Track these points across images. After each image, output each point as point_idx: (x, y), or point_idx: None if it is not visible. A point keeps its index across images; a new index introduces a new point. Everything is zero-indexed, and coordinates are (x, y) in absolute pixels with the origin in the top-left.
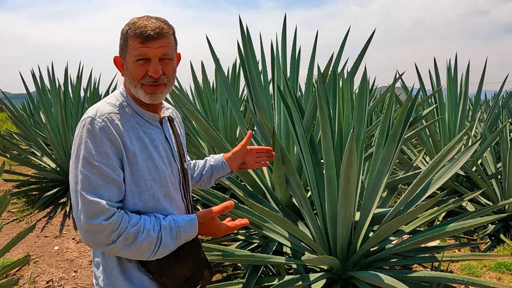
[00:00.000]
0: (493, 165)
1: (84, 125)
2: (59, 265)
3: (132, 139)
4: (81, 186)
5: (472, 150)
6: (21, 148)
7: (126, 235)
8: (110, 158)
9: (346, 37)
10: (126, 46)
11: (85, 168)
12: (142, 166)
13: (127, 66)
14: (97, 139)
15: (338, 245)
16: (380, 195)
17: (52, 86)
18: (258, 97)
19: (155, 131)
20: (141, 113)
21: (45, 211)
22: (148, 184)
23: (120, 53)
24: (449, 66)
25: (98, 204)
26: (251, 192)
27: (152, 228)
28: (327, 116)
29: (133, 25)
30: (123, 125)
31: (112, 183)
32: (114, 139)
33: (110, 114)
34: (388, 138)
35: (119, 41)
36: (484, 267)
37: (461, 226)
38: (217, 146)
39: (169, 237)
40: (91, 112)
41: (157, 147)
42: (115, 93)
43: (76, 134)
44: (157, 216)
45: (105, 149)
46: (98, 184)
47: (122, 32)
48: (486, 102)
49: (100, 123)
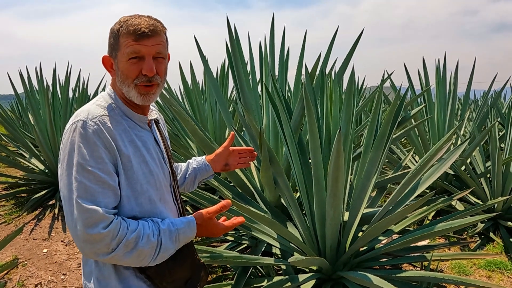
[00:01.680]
0: (482, 164)
1: (75, 128)
2: (48, 268)
3: (125, 142)
4: (77, 194)
5: (461, 149)
6: (9, 150)
7: (126, 241)
8: (105, 163)
9: (334, 37)
10: (117, 44)
11: (80, 174)
12: (137, 169)
13: (118, 65)
14: (91, 143)
15: (327, 245)
16: (369, 195)
17: (40, 87)
18: (247, 98)
19: (145, 134)
20: (131, 116)
21: (34, 213)
22: (144, 188)
23: (110, 52)
24: (438, 66)
25: (96, 212)
26: (239, 193)
27: (152, 232)
28: (314, 116)
29: (125, 23)
30: (116, 128)
31: (108, 188)
32: (108, 142)
33: (102, 117)
34: (376, 138)
35: (108, 40)
36: (474, 266)
37: (450, 226)
38: (205, 147)
39: (169, 241)
40: (81, 115)
41: (149, 150)
42: (103, 95)
43: (65, 139)
44: (155, 220)
45: (100, 153)
46: (94, 191)
47: (113, 30)
48: (475, 102)
49: (93, 126)
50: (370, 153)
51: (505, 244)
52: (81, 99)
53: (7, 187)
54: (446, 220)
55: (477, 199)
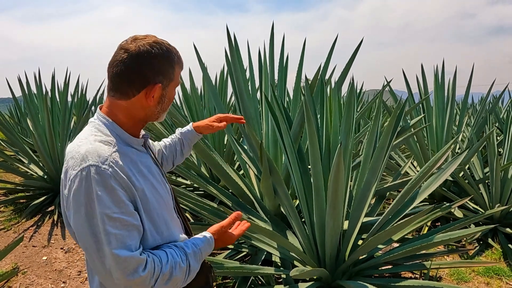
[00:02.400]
0: (480, 170)
1: (88, 175)
2: (48, 276)
3: (136, 176)
4: (108, 245)
5: (460, 158)
6: (7, 155)
7: (163, 276)
8: (127, 204)
9: (333, 46)
10: (173, 74)
11: (108, 225)
12: (151, 199)
13: (166, 93)
14: (109, 189)
15: (327, 254)
16: (368, 203)
17: (39, 93)
18: (246, 106)
19: (145, 157)
20: (131, 142)
21: (33, 220)
22: (159, 215)
23: (159, 79)
24: (436, 72)
25: (133, 258)
26: (239, 201)
27: (180, 259)
28: (314, 127)
29: (177, 53)
30: (125, 162)
31: (134, 229)
32: (124, 183)
33: (112, 156)
34: (376, 149)
35: (154, 65)
36: (473, 272)
37: (449, 237)
38: (205, 158)
39: (195, 262)
40: (90, 158)
41: (154, 174)
42: (96, 126)
43: (76, 187)
44: (178, 245)
45: (120, 197)
46: (123, 236)
47: (167, 57)
48: (473, 106)
49: (108, 170)
50: (370, 163)
51: (503, 250)
52: (80, 104)
53: (6, 193)
54: (446, 229)
55: (475, 205)
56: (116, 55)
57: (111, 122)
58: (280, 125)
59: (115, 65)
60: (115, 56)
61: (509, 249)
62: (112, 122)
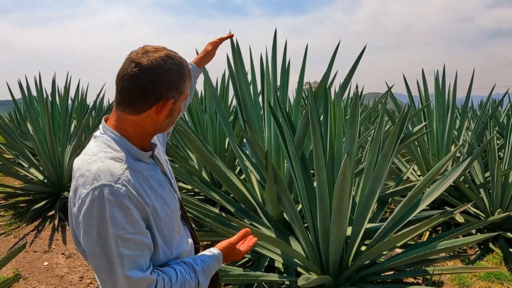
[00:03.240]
0: (481, 175)
1: (101, 195)
2: (49, 282)
3: (148, 192)
4: (121, 267)
5: (464, 165)
6: (7, 159)
7: None
8: (139, 223)
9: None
10: (183, 88)
11: (121, 246)
12: (162, 215)
13: (176, 107)
14: (124, 209)
15: (331, 261)
16: (372, 210)
17: (40, 97)
18: (248, 112)
19: (154, 169)
20: (140, 157)
21: (33, 224)
22: (170, 230)
23: (171, 95)
24: (436, 76)
25: (145, 279)
26: (242, 208)
27: (189, 276)
28: (319, 137)
29: (187, 66)
30: (137, 179)
31: (146, 248)
32: (138, 202)
33: (125, 174)
34: (380, 157)
35: (173, 82)
36: (474, 277)
37: (453, 244)
38: (208, 164)
39: (204, 279)
40: (103, 177)
41: (164, 187)
42: (105, 142)
43: (87, 207)
44: (187, 262)
45: (134, 216)
46: (136, 257)
47: (180, 72)
48: (473, 110)
49: (122, 189)
50: (374, 171)
51: (504, 255)
52: (80, 109)
53: (5, 197)
54: (448, 236)
55: (476, 209)
56: (127, 68)
57: (120, 136)
58: (284, 133)
59: (125, 79)
60: (125, 69)
61: (510, 254)
62: (121, 137)
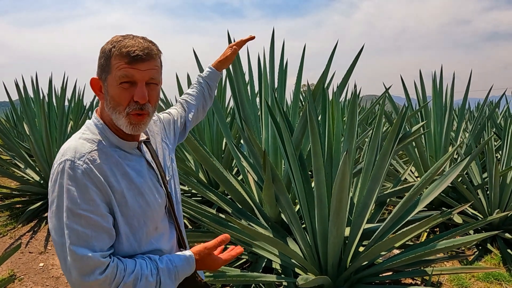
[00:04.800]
0: (478, 176)
1: (63, 170)
2: (45, 283)
3: (118, 177)
4: (69, 241)
5: (462, 165)
6: (3, 160)
7: (124, 285)
8: (97, 204)
9: (333, 51)
10: (108, 67)
11: (71, 220)
12: (132, 204)
13: (108, 89)
14: (81, 186)
15: (329, 262)
16: (370, 210)
17: (36, 98)
18: (247, 113)
19: (138, 161)
20: (120, 145)
21: (29, 225)
22: (141, 222)
23: (99, 74)
24: (434, 78)
25: (91, 259)
26: (239, 208)
27: (150, 272)
28: (318, 136)
29: (118, 43)
30: (106, 163)
31: (102, 231)
32: (99, 182)
33: (91, 153)
34: (379, 156)
35: (98, 61)
36: (473, 278)
37: (452, 244)
38: (206, 164)
39: (168, 279)
40: (68, 153)
41: (145, 178)
42: (88, 125)
43: (52, 180)
44: (152, 258)
45: (91, 195)
46: (87, 236)
47: (104, 50)
48: (470, 112)
49: (82, 166)
50: (372, 171)
51: (502, 256)
52: (77, 109)
53: (1, 198)
54: (446, 236)
55: (474, 210)
56: None
57: (101, 123)
58: (282, 132)
59: None
60: None
61: (508, 254)
62: (102, 123)
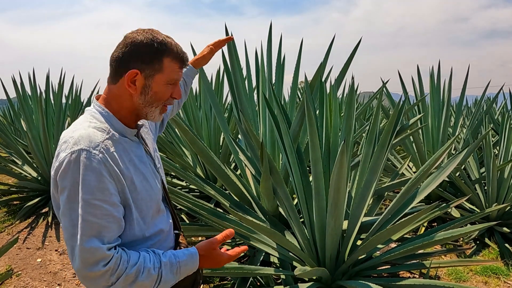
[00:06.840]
0: (476, 170)
1: (77, 159)
2: (43, 278)
3: (126, 164)
4: (81, 232)
5: (460, 157)
6: (1, 157)
7: (126, 276)
8: (111, 194)
9: (331, 45)
10: (160, 65)
11: (86, 211)
12: (140, 189)
13: (152, 85)
14: (97, 175)
15: (327, 255)
16: (368, 203)
17: (34, 94)
18: (244, 106)
19: (137, 147)
20: (124, 132)
21: (27, 222)
22: (148, 206)
23: (141, 67)
24: (432, 73)
25: (98, 251)
26: (237, 202)
27: (153, 266)
28: (315, 127)
29: (170, 45)
30: (118, 151)
31: (114, 221)
32: (113, 171)
33: (104, 142)
34: (376, 148)
35: (141, 55)
36: (471, 272)
37: (451, 235)
38: (203, 157)
39: (169, 274)
40: (82, 142)
41: (146, 163)
42: (92, 114)
43: (64, 168)
44: (156, 252)
45: (106, 184)
46: (100, 226)
47: (150, 45)
48: (468, 108)
49: (98, 156)
50: (370, 162)
51: (500, 250)
52: (74, 106)
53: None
54: (445, 228)
55: (472, 204)
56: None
57: (107, 111)
58: (279, 125)
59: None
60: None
61: (506, 249)
62: (107, 111)
